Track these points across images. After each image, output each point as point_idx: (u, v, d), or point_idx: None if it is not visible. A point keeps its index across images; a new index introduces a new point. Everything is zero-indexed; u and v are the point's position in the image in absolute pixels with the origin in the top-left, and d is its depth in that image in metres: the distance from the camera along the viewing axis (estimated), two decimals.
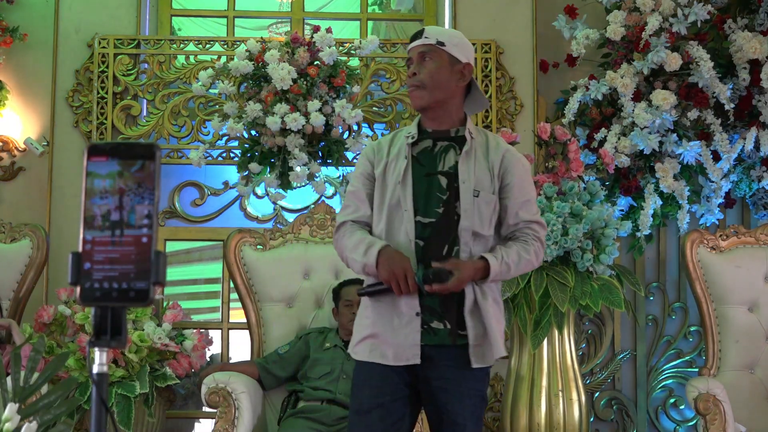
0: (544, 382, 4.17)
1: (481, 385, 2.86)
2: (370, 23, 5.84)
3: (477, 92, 2.97)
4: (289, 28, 5.54)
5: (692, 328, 5.10)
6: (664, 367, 5.08)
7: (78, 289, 1.38)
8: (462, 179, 2.80)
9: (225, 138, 4.88)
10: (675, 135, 4.74)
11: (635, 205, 4.85)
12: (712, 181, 4.77)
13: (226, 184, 5.04)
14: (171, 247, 5.52)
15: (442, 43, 2.86)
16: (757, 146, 4.80)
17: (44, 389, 3.20)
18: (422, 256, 2.77)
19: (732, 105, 4.69)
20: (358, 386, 2.88)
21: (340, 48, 4.80)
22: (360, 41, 4.85)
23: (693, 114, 4.70)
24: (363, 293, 2.84)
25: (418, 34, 2.89)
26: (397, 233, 2.79)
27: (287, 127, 4.56)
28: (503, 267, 2.78)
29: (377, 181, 2.87)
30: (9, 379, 2.12)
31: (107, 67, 4.95)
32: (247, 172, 4.73)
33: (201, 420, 5.09)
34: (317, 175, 4.71)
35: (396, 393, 2.81)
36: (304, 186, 4.75)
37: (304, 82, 4.63)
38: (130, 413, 4.13)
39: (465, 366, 2.78)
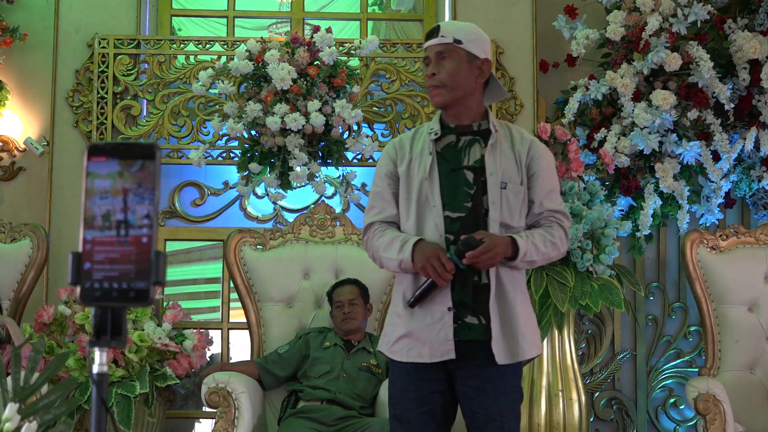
0: (544, 382, 4.16)
1: (515, 380, 2.84)
2: (370, 23, 5.83)
3: (495, 84, 2.97)
4: (289, 28, 5.54)
5: (692, 328, 5.10)
6: (664, 367, 5.08)
7: (78, 289, 1.38)
8: (489, 172, 2.79)
9: (225, 138, 4.87)
10: (675, 135, 4.73)
11: (635, 205, 4.85)
12: (712, 181, 4.76)
13: (226, 184, 5.04)
14: (171, 247, 5.52)
15: (459, 41, 2.83)
16: (757, 146, 4.79)
17: (44, 389, 3.20)
18: None
19: (732, 105, 4.68)
20: (398, 389, 2.86)
21: (340, 48, 4.80)
22: (360, 41, 4.85)
23: (693, 114, 4.70)
24: (412, 303, 2.78)
25: (434, 32, 2.86)
26: (427, 229, 2.79)
27: (287, 127, 4.56)
28: (530, 245, 2.75)
29: (401, 179, 2.86)
30: (9, 379, 2.11)
31: (107, 67, 4.95)
32: (247, 172, 4.72)
33: (201, 420, 5.09)
34: (317, 175, 4.71)
35: (436, 394, 2.81)
36: (304, 186, 4.75)
37: (304, 82, 4.63)
38: (130, 413, 4.13)
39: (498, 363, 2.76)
